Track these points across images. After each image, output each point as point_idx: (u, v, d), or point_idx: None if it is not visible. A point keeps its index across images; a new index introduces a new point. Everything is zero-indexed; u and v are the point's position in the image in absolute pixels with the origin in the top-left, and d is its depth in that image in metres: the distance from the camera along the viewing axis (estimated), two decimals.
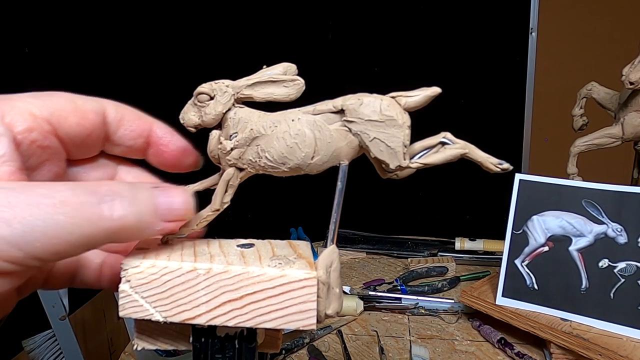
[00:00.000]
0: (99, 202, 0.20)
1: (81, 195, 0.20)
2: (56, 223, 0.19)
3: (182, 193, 0.23)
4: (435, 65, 1.08)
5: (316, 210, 0.73)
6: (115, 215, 0.20)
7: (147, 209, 0.21)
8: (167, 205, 0.22)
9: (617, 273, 0.63)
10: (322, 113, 0.24)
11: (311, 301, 0.23)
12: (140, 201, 0.21)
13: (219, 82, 0.25)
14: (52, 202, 0.19)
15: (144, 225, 0.21)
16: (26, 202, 0.19)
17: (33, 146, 0.22)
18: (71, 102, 0.24)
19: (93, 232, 0.20)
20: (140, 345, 0.25)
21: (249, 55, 0.98)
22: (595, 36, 1.31)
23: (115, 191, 0.21)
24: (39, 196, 0.19)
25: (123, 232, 0.21)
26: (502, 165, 0.24)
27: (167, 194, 0.23)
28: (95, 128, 0.25)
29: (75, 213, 0.19)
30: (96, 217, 0.20)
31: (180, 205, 0.23)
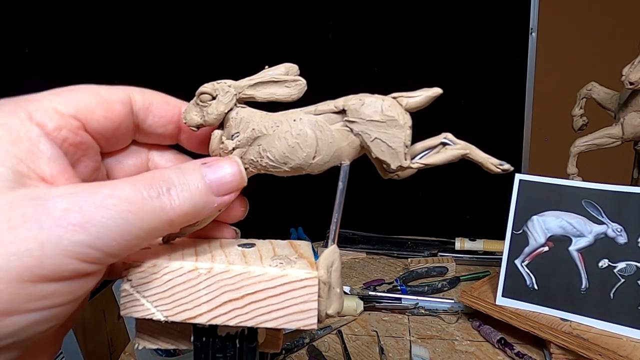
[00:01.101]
0: (157, 194, 0.21)
1: (142, 191, 0.21)
2: (126, 221, 0.20)
3: (229, 164, 0.24)
4: (435, 65, 1.08)
5: (316, 210, 0.73)
6: (175, 205, 0.21)
7: (201, 191, 0.22)
8: (218, 180, 0.23)
9: (617, 273, 0.63)
10: (324, 113, 0.24)
11: (312, 301, 0.23)
12: (192, 185, 0.22)
13: (221, 82, 0.25)
14: (119, 202, 0.20)
15: (200, 206, 0.22)
16: (95, 205, 0.19)
17: (65, 144, 0.22)
18: (95, 94, 0.24)
19: (158, 224, 0.21)
20: (141, 345, 0.25)
21: (251, 55, 0.99)
22: (595, 36, 1.31)
23: (167, 180, 0.22)
24: (105, 197, 0.20)
25: (184, 218, 0.22)
26: (502, 166, 0.24)
27: (214, 169, 0.23)
28: (123, 119, 0.25)
29: (140, 209, 0.20)
30: (159, 210, 0.21)
31: (230, 177, 0.23)
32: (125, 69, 0.98)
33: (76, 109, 0.23)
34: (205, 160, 0.24)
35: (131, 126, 0.25)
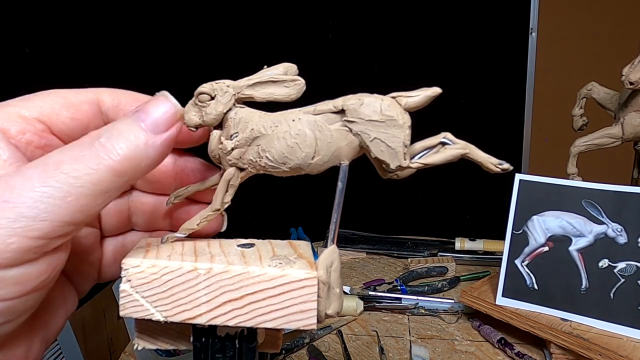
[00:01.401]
0: (89, 147, 0.20)
1: (71, 151, 0.20)
2: (60, 183, 0.19)
3: (159, 99, 0.22)
4: (435, 65, 1.08)
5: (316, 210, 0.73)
6: (112, 151, 0.20)
7: (135, 131, 0.21)
8: (150, 117, 0.21)
9: (617, 273, 0.63)
10: (323, 113, 0.24)
11: (311, 301, 0.23)
12: (124, 129, 0.21)
13: (219, 82, 0.25)
14: (47, 168, 0.19)
15: (141, 148, 0.21)
16: (24, 177, 0.19)
17: (30, 147, 0.22)
18: (61, 97, 0.24)
19: (99, 176, 0.20)
20: (140, 345, 0.25)
21: (250, 55, 0.98)
22: (595, 36, 1.31)
23: (98, 134, 0.21)
24: (31, 169, 0.19)
25: (127, 164, 0.20)
26: (502, 165, 0.24)
27: (145, 110, 0.22)
28: (91, 119, 0.25)
29: (73, 167, 0.19)
30: (94, 162, 0.20)
31: (162, 111, 0.22)
32: (125, 69, 0.98)
33: (40, 112, 0.23)
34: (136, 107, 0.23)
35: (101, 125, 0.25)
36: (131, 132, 0.21)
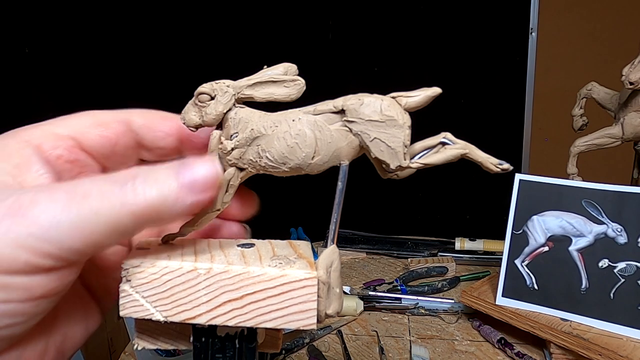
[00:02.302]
0: (120, 187, 0.20)
1: (103, 185, 0.20)
2: (79, 214, 0.19)
3: (204, 161, 0.22)
4: (435, 65, 1.08)
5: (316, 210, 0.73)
6: (140, 197, 0.20)
7: (170, 184, 0.21)
8: (190, 176, 0.21)
9: (617, 273, 0.63)
10: (323, 113, 0.24)
11: (311, 301, 0.23)
12: (161, 178, 0.21)
13: (219, 82, 0.25)
14: (74, 196, 0.20)
15: (170, 201, 0.21)
16: (49, 198, 0.19)
17: (60, 161, 0.24)
18: (92, 117, 0.25)
19: (119, 217, 0.20)
20: (140, 345, 0.25)
21: (250, 55, 0.99)
22: (595, 36, 1.31)
23: (135, 174, 0.21)
24: (61, 192, 0.20)
25: (151, 212, 0.20)
26: (502, 165, 0.24)
27: (189, 166, 0.22)
28: (120, 137, 0.26)
29: (97, 202, 0.20)
30: (119, 202, 0.20)
31: (203, 173, 0.22)
32: (125, 69, 0.98)
33: (72, 129, 0.25)
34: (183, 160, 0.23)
35: (131, 144, 0.26)
36: (166, 184, 0.21)
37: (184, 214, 0.22)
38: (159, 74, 0.99)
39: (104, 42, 0.96)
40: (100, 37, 0.96)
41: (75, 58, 0.95)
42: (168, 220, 0.21)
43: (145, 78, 0.99)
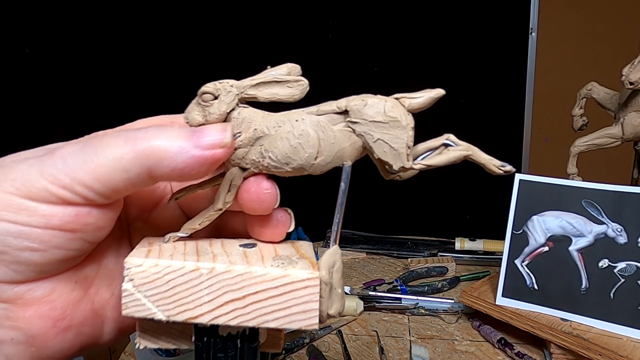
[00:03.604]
0: (134, 132, 0.23)
1: (119, 131, 0.23)
2: (92, 150, 0.22)
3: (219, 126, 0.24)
4: (435, 65, 1.08)
5: (316, 210, 0.73)
6: (145, 138, 0.22)
7: (179, 135, 0.23)
8: (201, 135, 0.23)
9: (617, 273, 0.63)
10: (326, 114, 0.24)
11: (313, 301, 0.23)
12: (173, 134, 0.23)
13: (223, 82, 0.25)
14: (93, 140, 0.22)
15: (173, 149, 0.22)
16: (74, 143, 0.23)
17: None
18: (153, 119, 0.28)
19: (124, 154, 0.22)
20: (142, 344, 0.25)
21: (251, 55, 0.99)
22: (595, 36, 1.31)
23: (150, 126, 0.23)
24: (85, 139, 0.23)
25: (152, 154, 0.22)
26: (504, 167, 0.24)
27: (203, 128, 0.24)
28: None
29: (107, 140, 0.22)
30: (125, 141, 0.22)
31: (212, 133, 0.23)
32: (127, 69, 0.98)
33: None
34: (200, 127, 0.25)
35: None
36: (175, 135, 0.23)
37: (185, 167, 0.23)
38: (162, 74, 0.99)
39: (105, 42, 0.96)
40: (100, 36, 0.96)
41: (75, 58, 0.95)
42: (170, 169, 0.23)
43: (147, 78, 0.98)
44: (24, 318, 0.23)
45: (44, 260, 0.22)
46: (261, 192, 0.25)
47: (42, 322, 0.23)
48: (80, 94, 0.95)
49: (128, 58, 0.98)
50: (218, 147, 0.23)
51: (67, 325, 0.24)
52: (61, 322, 0.24)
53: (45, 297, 0.23)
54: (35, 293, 0.23)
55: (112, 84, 0.97)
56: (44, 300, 0.23)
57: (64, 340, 0.24)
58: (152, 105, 0.94)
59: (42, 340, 0.23)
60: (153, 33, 0.99)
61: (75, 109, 0.94)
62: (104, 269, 0.27)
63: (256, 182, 0.26)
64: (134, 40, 0.98)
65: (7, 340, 0.22)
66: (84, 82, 0.96)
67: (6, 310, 0.22)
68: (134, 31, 0.98)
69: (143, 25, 0.99)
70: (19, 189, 0.21)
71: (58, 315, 0.24)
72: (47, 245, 0.22)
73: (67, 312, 0.24)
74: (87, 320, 0.25)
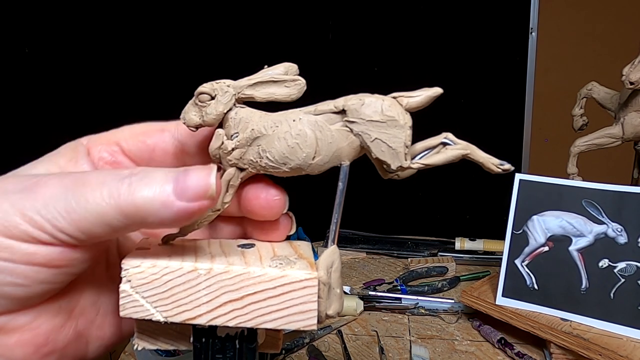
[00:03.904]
0: (118, 181, 0.21)
1: (106, 177, 0.22)
2: (74, 199, 0.21)
3: (200, 170, 0.22)
4: (435, 65, 1.08)
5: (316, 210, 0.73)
6: (130, 193, 0.21)
7: (164, 188, 0.21)
8: (183, 182, 0.22)
9: (617, 273, 0.63)
10: (324, 113, 0.24)
11: (312, 302, 0.23)
12: (158, 179, 0.22)
13: (220, 82, 0.25)
14: (77, 182, 0.21)
15: (156, 204, 0.21)
16: (59, 182, 0.22)
17: (101, 162, 0.27)
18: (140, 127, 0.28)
19: (106, 209, 0.21)
20: (140, 345, 0.25)
21: (250, 55, 0.98)
22: (595, 36, 1.31)
23: (137, 172, 0.22)
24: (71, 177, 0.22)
25: (135, 211, 0.21)
26: (503, 166, 0.24)
27: (184, 173, 0.22)
28: (157, 143, 0.27)
29: (91, 191, 0.21)
30: (109, 195, 0.21)
31: (196, 181, 0.22)
32: (126, 69, 0.98)
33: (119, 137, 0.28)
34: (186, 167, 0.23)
35: (170, 150, 0.28)
36: (159, 186, 0.21)
37: (170, 220, 0.22)
38: (160, 74, 0.99)
39: (105, 42, 0.96)
40: (100, 36, 0.96)
41: (75, 58, 0.95)
42: (154, 223, 0.22)
43: (145, 78, 0.98)
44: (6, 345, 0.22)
45: (28, 294, 0.22)
46: (271, 199, 0.26)
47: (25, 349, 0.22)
48: (80, 94, 0.95)
49: (127, 58, 0.98)
50: (203, 199, 0.22)
51: (50, 350, 0.23)
52: (44, 347, 0.23)
53: (28, 325, 0.23)
54: (18, 322, 0.22)
55: (111, 84, 0.97)
56: (27, 328, 0.23)
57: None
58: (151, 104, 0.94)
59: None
60: (152, 33, 0.99)
61: (75, 109, 0.94)
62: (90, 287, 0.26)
63: (265, 189, 0.26)
64: (133, 40, 0.98)
65: None
66: (83, 82, 0.96)
67: None
68: (133, 31, 0.98)
69: (142, 25, 0.99)
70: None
71: (41, 342, 0.23)
72: (31, 281, 0.21)
73: (50, 337, 0.23)
74: (71, 344, 0.25)
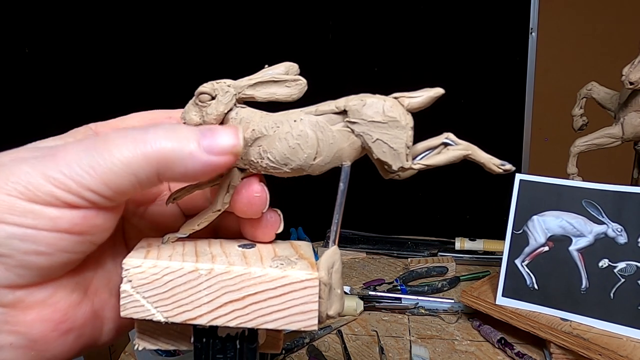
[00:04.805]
0: (144, 132, 0.22)
1: (127, 132, 0.22)
2: (99, 154, 0.21)
3: (228, 129, 0.23)
4: (435, 65, 1.08)
5: (316, 210, 0.73)
6: (155, 140, 0.21)
7: (189, 138, 0.22)
8: (211, 136, 0.22)
9: (617, 273, 0.63)
10: (325, 114, 0.24)
11: (313, 302, 0.23)
12: (183, 134, 0.22)
13: (220, 82, 0.25)
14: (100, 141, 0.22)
15: (184, 153, 0.22)
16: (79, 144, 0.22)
17: None
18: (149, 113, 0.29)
19: (133, 159, 0.21)
20: (141, 345, 0.25)
21: (250, 55, 0.98)
22: (595, 36, 1.31)
23: (159, 125, 0.22)
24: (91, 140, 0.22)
25: (163, 159, 0.21)
26: (504, 166, 0.24)
27: (214, 129, 0.23)
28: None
29: (118, 145, 0.21)
30: (134, 146, 0.21)
31: (224, 137, 0.23)
32: (126, 69, 0.98)
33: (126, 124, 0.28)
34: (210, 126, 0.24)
35: None
36: (185, 138, 0.22)
37: (195, 172, 0.22)
38: (160, 74, 0.99)
39: (104, 42, 0.96)
40: (100, 36, 0.96)
41: (75, 58, 0.95)
42: (180, 173, 0.22)
43: (146, 77, 0.98)
44: (25, 322, 0.22)
45: (50, 264, 0.22)
46: (251, 195, 0.25)
47: (44, 325, 0.22)
48: (80, 94, 0.95)
49: (127, 58, 0.98)
50: (229, 154, 0.23)
51: (69, 327, 0.24)
52: (62, 324, 0.23)
53: (47, 300, 0.23)
54: (37, 297, 0.22)
55: (112, 84, 0.97)
56: (46, 303, 0.22)
57: (65, 343, 0.24)
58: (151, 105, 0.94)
59: (43, 344, 0.23)
60: (152, 32, 0.99)
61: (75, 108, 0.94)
62: (101, 269, 0.26)
63: (247, 184, 0.26)
64: (133, 40, 0.98)
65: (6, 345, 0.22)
66: (83, 82, 0.96)
67: (5, 315, 0.21)
68: (133, 31, 0.98)
69: (142, 25, 0.99)
70: (22, 192, 0.20)
71: (59, 318, 0.23)
72: (55, 249, 0.21)
73: (69, 314, 0.23)
74: (88, 322, 0.25)
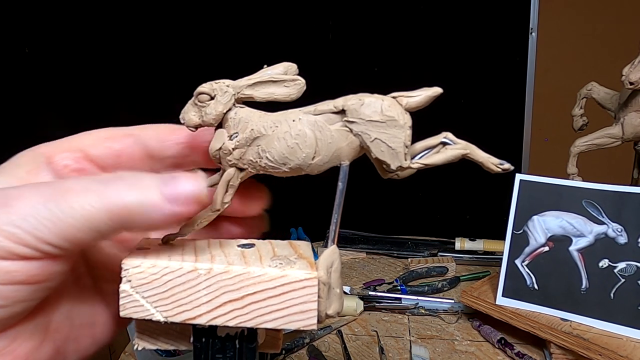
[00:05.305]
0: (104, 185, 0.21)
1: (88, 183, 0.21)
2: (57, 206, 0.20)
3: (190, 176, 0.22)
4: (435, 65, 1.08)
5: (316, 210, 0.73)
6: (118, 196, 0.21)
7: (151, 190, 0.21)
8: (173, 186, 0.22)
9: (617, 273, 0.63)
10: (323, 113, 0.24)
11: (312, 301, 0.23)
12: (145, 184, 0.21)
13: (219, 82, 0.25)
14: (58, 190, 0.20)
15: (148, 207, 0.21)
16: (35, 192, 0.20)
17: (66, 170, 0.26)
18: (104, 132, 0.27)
19: (94, 213, 0.20)
20: (141, 345, 0.25)
21: (250, 55, 0.98)
22: (595, 36, 1.30)
23: (122, 176, 0.21)
24: (47, 187, 0.21)
25: (127, 214, 0.21)
26: (503, 165, 0.24)
27: (175, 179, 0.22)
28: (124, 148, 0.27)
29: (76, 197, 0.20)
30: (97, 198, 0.20)
31: (186, 186, 0.22)
32: (125, 69, 0.98)
33: (82, 143, 0.26)
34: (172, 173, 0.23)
35: (137, 154, 0.27)
36: (149, 189, 0.21)
37: (160, 223, 0.22)
38: (159, 74, 0.99)
39: (104, 42, 0.96)
40: (100, 36, 0.96)
41: (75, 58, 0.95)
42: (144, 226, 0.21)
43: (145, 78, 0.98)
44: None
45: (8, 315, 0.21)
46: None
47: None
48: (80, 94, 0.95)
49: (127, 58, 0.98)
50: (194, 203, 0.22)
51: None
52: None
53: (6, 349, 0.22)
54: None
55: (112, 84, 0.97)
56: (5, 351, 0.22)
57: None
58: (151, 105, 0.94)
59: None
60: (152, 32, 0.99)
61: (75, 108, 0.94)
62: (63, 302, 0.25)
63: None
64: (133, 40, 0.98)
65: None
66: (83, 82, 0.96)
67: None
68: (133, 31, 0.98)
69: (142, 25, 0.99)
70: None
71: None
72: (11, 301, 0.20)
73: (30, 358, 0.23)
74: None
